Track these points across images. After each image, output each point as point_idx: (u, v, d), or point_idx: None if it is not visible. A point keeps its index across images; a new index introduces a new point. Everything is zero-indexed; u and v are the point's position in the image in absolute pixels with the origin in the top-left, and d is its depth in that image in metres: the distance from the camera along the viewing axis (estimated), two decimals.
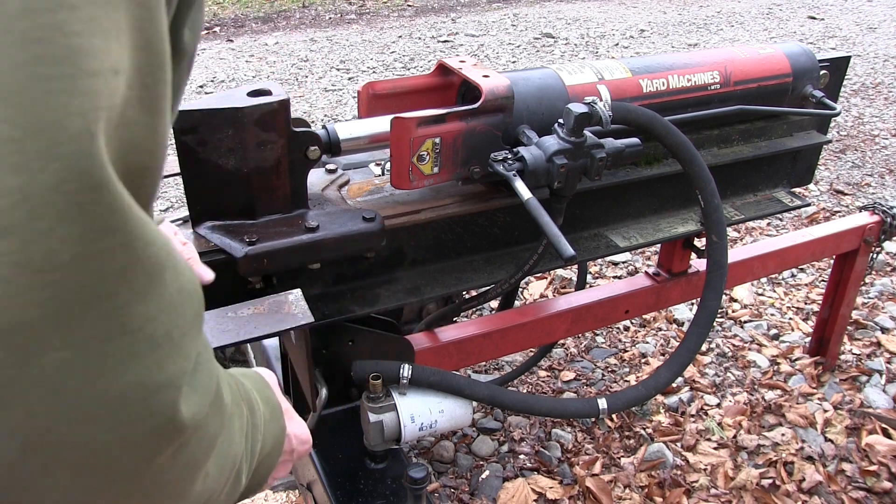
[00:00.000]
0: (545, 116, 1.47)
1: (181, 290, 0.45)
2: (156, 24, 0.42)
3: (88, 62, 0.36)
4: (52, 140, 0.35)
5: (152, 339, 0.42)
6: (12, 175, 0.34)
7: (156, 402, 0.43)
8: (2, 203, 0.34)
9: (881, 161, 4.41)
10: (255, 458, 0.66)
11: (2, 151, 0.34)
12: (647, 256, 3.34)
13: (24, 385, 0.37)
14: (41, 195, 0.35)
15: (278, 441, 0.74)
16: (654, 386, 1.64)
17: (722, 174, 1.81)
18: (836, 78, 2.00)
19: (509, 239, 1.64)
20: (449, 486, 2.10)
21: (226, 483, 0.57)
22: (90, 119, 0.36)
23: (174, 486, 0.48)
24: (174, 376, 0.44)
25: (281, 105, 1.24)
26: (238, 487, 0.61)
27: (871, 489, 2.08)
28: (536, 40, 7.11)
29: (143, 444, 0.43)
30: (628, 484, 2.09)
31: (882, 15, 8.20)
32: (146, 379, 0.42)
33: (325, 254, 1.33)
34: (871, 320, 2.84)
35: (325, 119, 4.98)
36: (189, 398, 0.46)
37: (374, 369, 1.47)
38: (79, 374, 0.39)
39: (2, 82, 0.34)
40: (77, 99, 0.36)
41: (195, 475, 0.50)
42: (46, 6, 0.35)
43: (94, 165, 0.37)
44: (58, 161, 0.35)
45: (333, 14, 8.30)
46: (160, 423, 0.44)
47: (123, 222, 0.39)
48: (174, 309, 0.44)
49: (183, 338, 0.45)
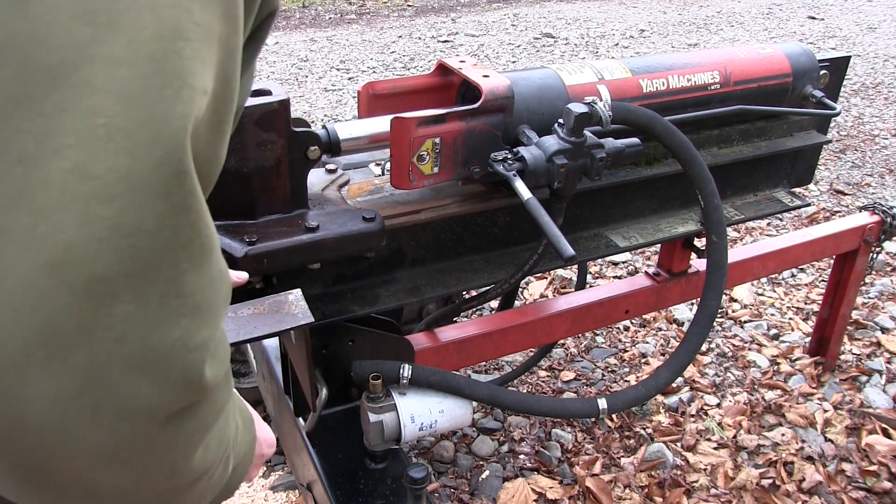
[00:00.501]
0: (545, 116, 1.47)
1: (221, 270, 0.53)
2: (234, 66, 0.53)
3: (192, 80, 0.46)
4: (157, 133, 0.44)
5: (197, 305, 0.49)
6: (122, 156, 0.43)
7: (191, 360, 0.49)
8: (110, 177, 0.42)
9: (881, 161, 4.41)
10: (236, 458, 0.71)
11: (117, 137, 0.42)
12: (647, 256, 3.34)
13: (93, 330, 0.44)
14: (141, 174, 0.43)
15: (250, 448, 0.79)
16: (654, 386, 1.64)
17: (722, 174, 1.81)
18: (836, 78, 2.00)
19: (509, 239, 1.64)
20: (449, 486, 2.10)
21: (220, 462, 0.62)
22: (186, 121, 0.46)
23: (187, 442, 0.54)
24: (207, 340, 0.50)
25: (281, 105, 1.24)
26: (226, 474, 0.66)
27: (871, 489, 2.08)
28: (536, 40, 7.11)
29: (173, 397, 0.49)
30: (628, 484, 2.09)
31: (882, 15, 8.20)
32: (187, 338, 0.48)
33: (325, 254, 1.32)
34: (871, 320, 2.84)
35: (325, 119, 4.98)
36: (212, 363, 0.52)
37: (374, 369, 1.47)
38: (139, 327, 0.46)
39: (128, 85, 0.43)
40: (180, 105, 0.45)
41: (202, 436, 0.56)
42: (171, 35, 0.45)
43: (184, 157, 0.46)
44: (159, 150, 0.44)
45: (333, 14, 8.30)
46: (190, 378, 0.50)
47: (195, 205, 0.48)
48: (215, 283, 0.52)
49: (218, 309, 0.52)
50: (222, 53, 0.50)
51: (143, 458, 0.51)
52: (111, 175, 0.42)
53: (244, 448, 0.76)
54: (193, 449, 0.55)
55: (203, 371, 0.50)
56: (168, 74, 0.45)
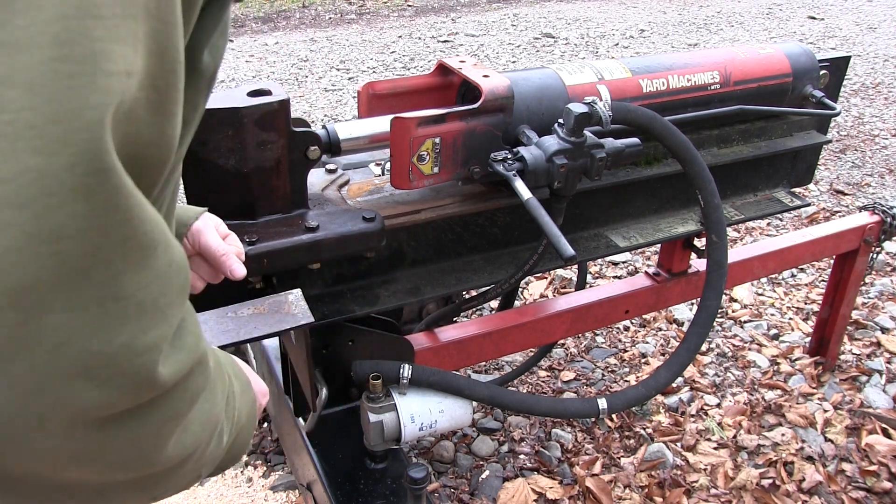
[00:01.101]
0: (545, 116, 1.47)
1: (171, 263, 0.50)
2: (171, 37, 0.48)
3: (107, 64, 0.42)
4: (70, 128, 0.40)
5: (142, 305, 0.47)
6: (32, 156, 0.39)
7: (140, 363, 0.47)
8: (21, 180, 0.39)
9: (881, 161, 4.41)
10: (235, 427, 0.72)
11: (26, 135, 0.39)
12: (647, 256, 3.34)
13: (28, 341, 0.42)
14: (55, 175, 0.40)
15: (251, 412, 0.79)
16: (654, 386, 1.64)
17: (722, 174, 1.81)
18: (836, 78, 2.00)
19: (509, 239, 1.64)
20: (449, 486, 2.10)
21: (209, 439, 0.62)
22: (102, 112, 0.41)
23: (156, 434, 0.53)
24: (157, 340, 0.48)
25: (281, 105, 1.24)
26: (220, 447, 0.66)
27: (871, 489, 2.08)
28: (536, 40, 7.11)
29: (125, 398, 0.48)
30: (628, 484, 2.09)
31: (882, 15, 8.20)
32: (133, 341, 0.46)
33: (325, 254, 1.33)
34: (871, 320, 2.84)
35: (325, 119, 4.98)
36: (169, 359, 0.51)
37: (374, 369, 1.47)
38: (77, 335, 0.44)
39: (32, 75, 0.39)
40: (94, 95, 0.41)
41: (174, 426, 0.55)
42: (77, 14, 0.40)
43: (102, 152, 0.42)
44: (73, 146, 0.40)
45: (333, 14, 8.30)
46: (141, 380, 0.48)
47: (124, 202, 0.44)
48: (163, 280, 0.49)
49: (169, 306, 0.50)
50: (152, 24, 0.45)
51: (107, 456, 0.50)
52: (22, 178, 0.39)
53: (245, 413, 0.76)
54: (165, 439, 0.54)
55: (155, 371, 0.49)
56: (77, 60, 0.40)
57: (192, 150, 1.24)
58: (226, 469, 0.77)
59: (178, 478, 0.60)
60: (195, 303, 0.83)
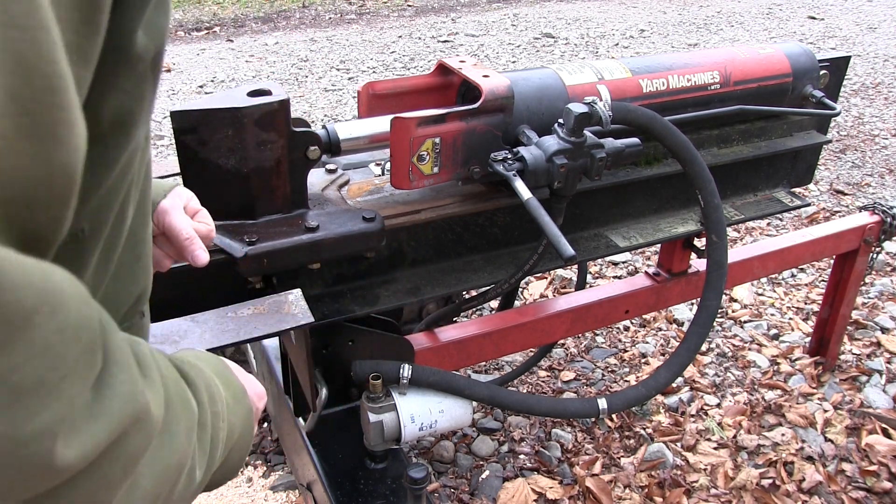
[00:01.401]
0: (545, 116, 1.47)
1: (61, 329, 0.42)
2: (37, 45, 0.39)
3: None
4: None
5: (18, 388, 0.40)
6: None
7: (28, 452, 0.41)
8: None
9: (881, 161, 4.41)
10: (221, 446, 0.67)
11: None
12: (647, 256, 3.34)
13: None
14: None
15: (247, 422, 0.74)
16: (654, 386, 1.64)
17: (722, 174, 1.81)
18: (836, 78, 2.00)
19: (509, 239, 1.64)
20: (449, 486, 2.10)
21: (174, 483, 0.57)
22: None
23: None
24: (49, 423, 0.42)
25: (281, 105, 1.24)
26: (192, 483, 0.61)
27: (871, 489, 2.08)
28: (536, 40, 7.11)
29: (23, 489, 0.42)
30: (628, 484, 2.09)
31: (882, 15, 8.20)
32: (13, 431, 0.40)
33: (325, 254, 1.33)
34: (871, 320, 2.84)
35: (325, 119, 4.98)
36: (80, 435, 0.44)
37: (374, 369, 1.47)
38: None
39: None
40: None
41: (112, 493, 0.49)
42: None
43: None
44: None
45: (333, 14, 8.30)
46: (37, 471, 0.42)
47: None
48: (50, 352, 0.41)
49: (63, 380, 0.42)
50: (6, 33, 0.37)
51: None
52: None
53: (239, 426, 0.72)
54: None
55: (53, 457, 0.42)
56: None
57: (192, 149, 1.24)
58: (221, 484, 0.74)
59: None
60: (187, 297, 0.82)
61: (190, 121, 1.22)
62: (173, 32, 7.39)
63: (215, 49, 6.77)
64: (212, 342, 1.07)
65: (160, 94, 5.42)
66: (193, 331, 1.08)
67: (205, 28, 7.61)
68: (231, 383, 0.74)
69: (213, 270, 1.30)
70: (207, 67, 6.14)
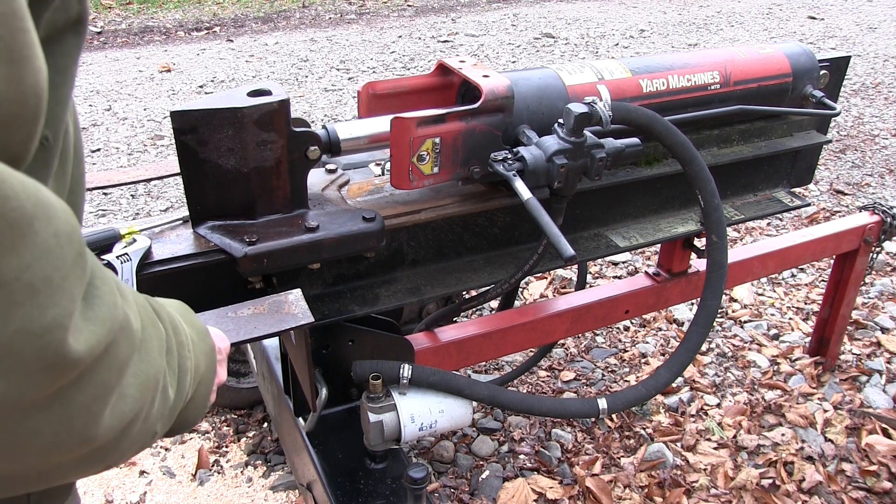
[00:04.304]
0: (545, 116, 1.47)
1: (57, 234, 0.46)
2: None
3: None
4: None
5: (31, 286, 0.44)
6: None
7: (44, 345, 0.45)
8: None
9: (881, 161, 4.41)
10: (189, 376, 0.71)
11: None
12: (647, 256, 3.34)
13: None
14: None
15: (210, 359, 0.78)
16: (654, 386, 1.64)
17: (722, 174, 1.81)
18: (836, 78, 2.00)
19: (509, 239, 1.64)
20: (449, 486, 2.10)
21: (152, 398, 0.61)
22: None
23: (87, 411, 0.52)
24: (59, 317, 0.46)
25: (281, 105, 1.24)
26: (167, 402, 0.65)
27: (871, 489, 2.08)
28: (536, 40, 7.11)
29: (39, 385, 0.46)
30: (628, 484, 2.09)
31: (882, 15, 8.20)
32: (29, 325, 0.44)
33: (326, 254, 1.32)
34: (871, 320, 2.84)
35: (325, 119, 4.98)
36: (82, 333, 0.48)
37: (374, 369, 1.47)
38: None
39: None
40: None
41: (106, 398, 0.53)
42: None
43: None
44: None
45: (333, 14, 8.30)
46: (50, 363, 0.46)
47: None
48: (51, 254, 0.45)
49: (65, 279, 0.47)
50: None
51: (37, 442, 0.49)
52: None
53: (204, 361, 0.75)
54: (98, 414, 0.53)
55: (65, 349, 0.47)
56: None
57: (192, 149, 1.24)
58: (190, 425, 0.77)
59: (127, 443, 0.59)
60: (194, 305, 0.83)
61: (190, 121, 1.22)
62: (173, 32, 7.40)
63: (215, 49, 6.77)
64: None
65: (160, 95, 5.42)
66: None
67: (205, 28, 7.61)
68: (194, 323, 0.78)
69: (214, 270, 1.30)
70: (207, 67, 6.14)
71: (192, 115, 1.21)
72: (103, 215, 3.70)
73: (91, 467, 0.57)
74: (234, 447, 2.29)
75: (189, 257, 1.27)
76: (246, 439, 2.32)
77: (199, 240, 1.30)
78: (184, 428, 0.76)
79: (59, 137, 0.58)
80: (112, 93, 5.48)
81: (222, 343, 0.93)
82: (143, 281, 1.21)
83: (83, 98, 5.31)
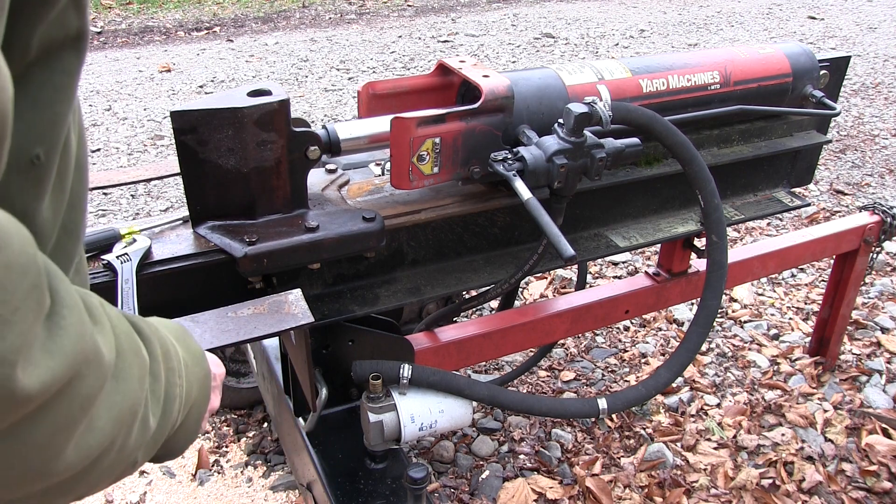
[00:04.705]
0: (545, 116, 1.47)
1: (7, 265, 0.44)
2: None
3: None
4: None
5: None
6: None
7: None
8: None
9: (881, 161, 4.41)
10: (178, 402, 0.69)
11: None
12: (647, 256, 3.34)
13: None
14: None
15: (204, 384, 0.76)
16: (654, 386, 1.64)
17: (722, 174, 1.81)
18: (836, 78, 2.00)
19: (509, 239, 1.64)
20: (449, 486, 2.10)
21: (129, 429, 0.59)
22: None
23: (45, 447, 0.49)
24: (5, 352, 0.44)
25: (281, 105, 1.24)
26: (147, 431, 0.63)
27: (871, 489, 2.08)
28: (536, 40, 7.11)
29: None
30: (628, 484, 2.09)
31: (882, 15, 8.20)
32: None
33: (326, 254, 1.32)
34: (871, 320, 2.84)
35: (325, 119, 4.98)
36: (37, 367, 0.46)
37: (374, 369, 1.47)
38: None
39: None
40: None
41: (70, 431, 0.51)
42: None
43: None
44: None
45: (333, 14, 8.30)
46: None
47: None
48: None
49: (15, 313, 0.44)
50: None
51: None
52: None
53: (196, 386, 0.73)
54: (59, 449, 0.51)
55: (12, 385, 0.44)
56: None
57: (192, 149, 1.24)
58: (178, 452, 0.75)
59: (97, 475, 0.57)
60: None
61: (190, 121, 1.22)
62: (173, 32, 7.40)
63: (215, 49, 6.77)
64: (212, 342, 1.08)
65: (160, 95, 5.42)
66: (193, 331, 1.08)
67: (205, 28, 7.61)
68: (190, 347, 0.76)
69: (214, 270, 1.30)
70: (207, 67, 6.14)
71: (192, 115, 1.21)
72: (103, 215, 3.70)
73: (59, 498, 0.56)
74: (234, 447, 2.29)
75: (189, 257, 1.27)
76: (246, 439, 2.32)
77: (199, 240, 1.30)
78: (171, 455, 0.74)
79: (54, 156, 0.57)
80: (112, 93, 5.48)
81: (217, 369, 0.91)
82: (143, 281, 1.21)
83: (83, 98, 5.32)
